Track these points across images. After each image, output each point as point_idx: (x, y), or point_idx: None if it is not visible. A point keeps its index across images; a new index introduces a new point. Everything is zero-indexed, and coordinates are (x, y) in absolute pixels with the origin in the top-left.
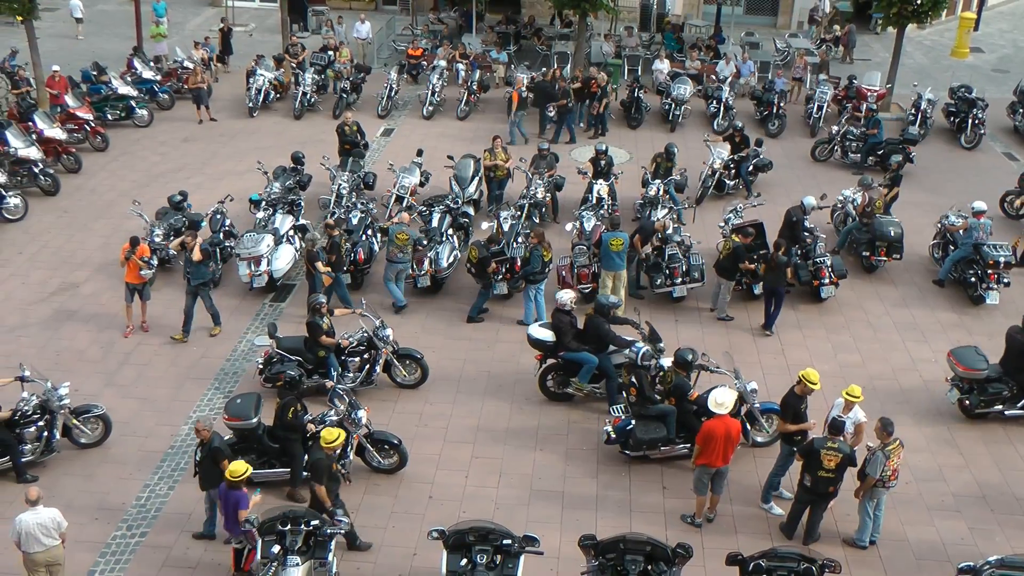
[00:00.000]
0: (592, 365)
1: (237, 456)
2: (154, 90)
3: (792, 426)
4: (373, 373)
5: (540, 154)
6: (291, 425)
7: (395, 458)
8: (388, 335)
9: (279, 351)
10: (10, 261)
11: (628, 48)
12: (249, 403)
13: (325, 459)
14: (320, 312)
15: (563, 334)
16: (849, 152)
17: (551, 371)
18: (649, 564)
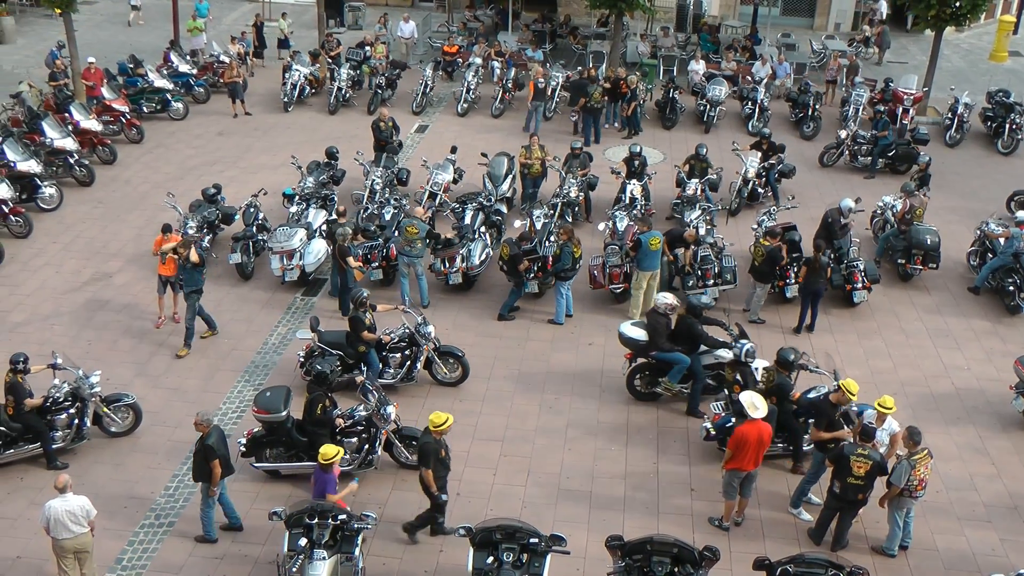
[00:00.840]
0: (684, 365)
1: (266, 448)
2: (190, 84)
3: (826, 434)
4: (414, 370)
5: (573, 153)
6: (319, 420)
7: None
8: (430, 332)
9: (320, 344)
10: (45, 250)
11: (664, 48)
12: (278, 396)
13: (433, 443)
14: (363, 307)
15: (658, 335)
16: (859, 156)
17: (639, 371)
18: (676, 566)
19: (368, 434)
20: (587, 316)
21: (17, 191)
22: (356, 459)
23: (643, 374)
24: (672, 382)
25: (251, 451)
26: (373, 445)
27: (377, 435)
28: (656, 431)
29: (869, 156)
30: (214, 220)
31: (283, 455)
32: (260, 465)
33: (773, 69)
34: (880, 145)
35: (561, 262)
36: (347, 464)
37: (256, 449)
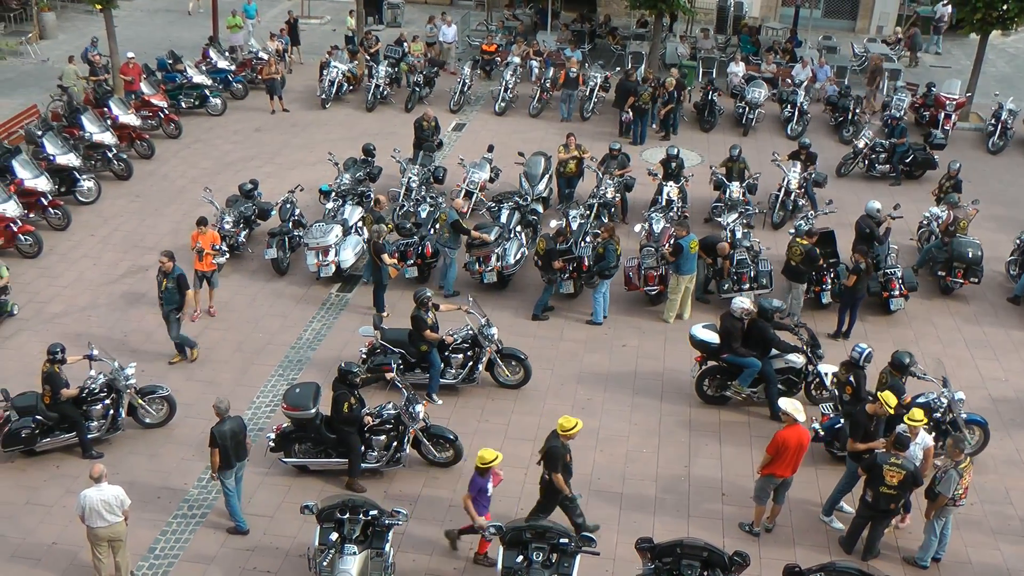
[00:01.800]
0: (755, 369)
1: (295, 444)
2: (228, 80)
3: (861, 444)
4: (476, 371)
5: (611, 154)
6: (347, 419)
7: (450, 453)
8: (493, 334)
9: (383, 342)
10: (82, 243)
11: (703, 50)
12: (308, 393)
13: (560, 447)
14: (426, 306)
15: (732, 338)
16: (876, 164)
17: (709, 374)
18: (705, 570)
19: (396, 432)
20: (621, 318)
21: (56, 184)
22: (384, 456)
23: (712, 377)
24: (742, 386)
25: (280, 446)
26: (401, 443)
27: (405, 433)
28: (688, 434)
29: (887, 164)
30: (250, 215)
31: (312, 451)
32: (289, 460)
33: (814, 72)
34: (898, 152)
35: (605, 260)
36: (375, 461)
37: (285, 444)
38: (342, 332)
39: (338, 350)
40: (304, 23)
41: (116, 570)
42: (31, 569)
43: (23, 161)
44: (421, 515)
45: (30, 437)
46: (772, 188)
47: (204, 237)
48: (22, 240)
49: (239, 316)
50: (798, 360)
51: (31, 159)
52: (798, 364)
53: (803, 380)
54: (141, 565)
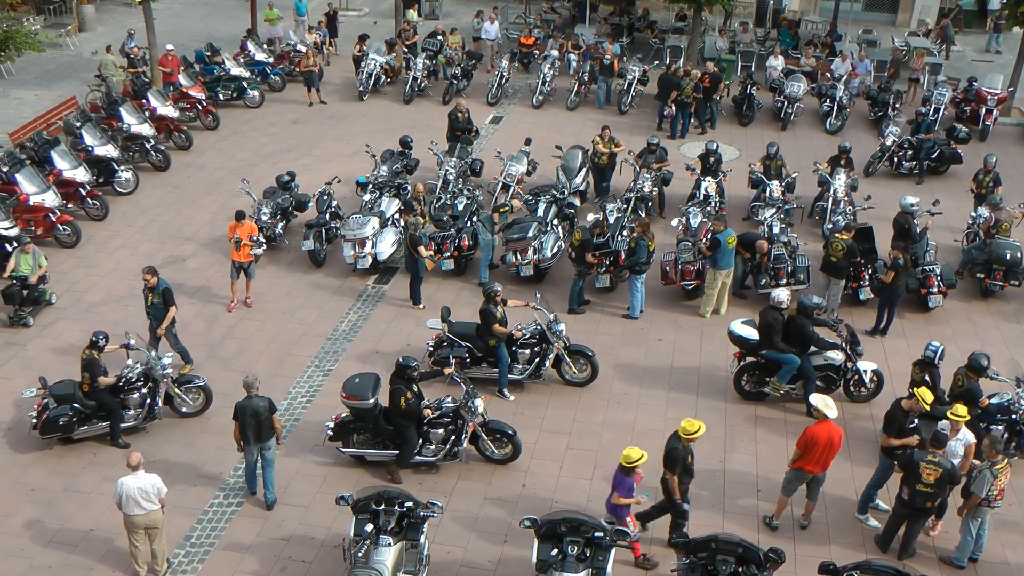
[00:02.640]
0: (794, 366)
1: (353, 434)
2: (266, 72)
3: (895, 440)
4: (542, 367)
5: (649, 148)
6: (403, 413)
7: (508, 448)
8: (561, 330)
9: (450, 335)
10: (120, 233)
11: (742, 44)
12: (367, 383)
13: (681, 450)
14: (494, 300)
15: (773, 332)
16: (903, 162)
17: (747, 370)
18: (740, 567)
19: (455, 426)
20: (658, 312)
21: (95, 175)
22: (442, 450)
23: (751, 373)
24: (781, 382)
25: (338, 436)
26: (459, 438)
27: (464, 428)
28: (724, 429)
29: (913, 161)
30: (288, 207)
31: (369, 442)
32: (347, 450)
33: (853, 66)
34: (923, 149)
35: (636, 256)
36: (431, 455)
37: (343, 434)
38: (378, 324)
39: (374, 342)
40: (343, 15)
41: (152, 557)
42: (68, 555)
43: (62, 152)
44: (456, 508)
45: (67, 425)
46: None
47: (242, 229)
48: (60, 230)
49: (275, 307)
50: (837, 357)
51: (70, 150)
52: (837, 361)
53: (842, 377)
54: (177, 553)
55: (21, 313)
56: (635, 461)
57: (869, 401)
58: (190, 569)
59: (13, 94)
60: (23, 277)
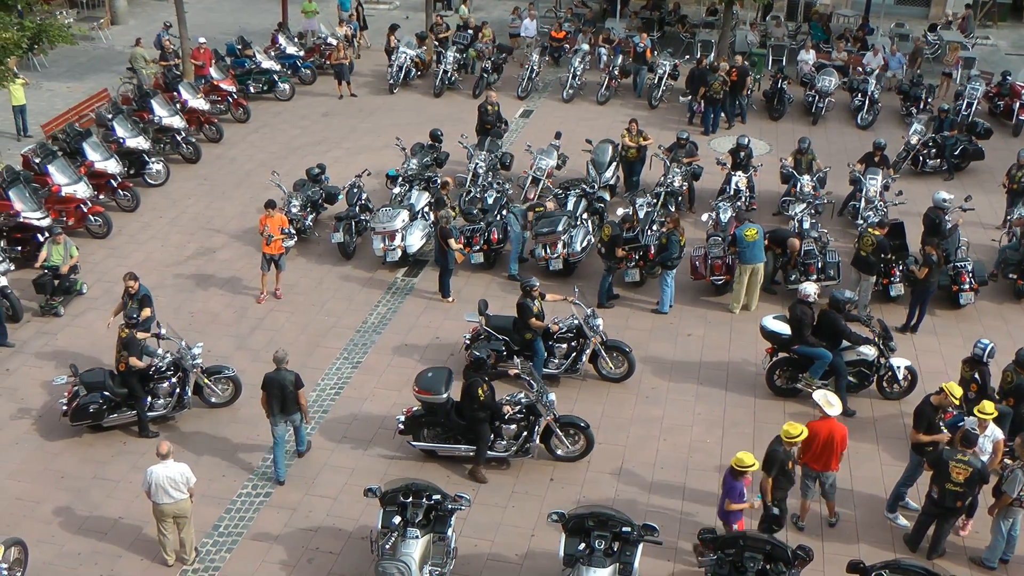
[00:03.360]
0: (826, 361)
1: (424, 428)
2: (297, 65)
3: (924, 437)
4: (579, 362)
5: (679, 143)
6: (483, 405)
7: (581, 443)
8: (598, 325)
9: (487, 328)
10: (151, 224)
11: (774, 38)
12: (440, 377)
13: (782, 453)
14: (531, 294)
15: (803, 327)
16: (928, 160)
17: (780, 366)
18: (768, 564)
19: (528, 422)
20: (687, 307)
21: (126, 166)
22: (513, 446)
23: (783, 369)
24: (813, 378)
25: (409, 429)
26: (532, 433)
27: (537, 423)
28: (752, 425)
29: (938, 159)
30: (318, 199)
31: (440, 436)
32: (417, 444)
33: (885, 60)
34: (947, 145)
35: (668, 251)
36: (503, 451)
37: (414, 428)
38: (407, 317)
39: (403, 334)
40: (373, 9)
41: (181, 546)
42: (97, 543)
43: (93, 144)
44: (484, 501)
45: (98, 412)
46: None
47: (272, 220)
48: (92, 221)
49: (305, 299)
50: (870, 353)
51: (101, 142)
52: (870, 357)
53: (875, 373)
54: (205, 542)
55: (52, 302)
56: (748, 466)
57: (902, 399)
58: (218, 558)
59: (46, 86)
60: (54, 267)
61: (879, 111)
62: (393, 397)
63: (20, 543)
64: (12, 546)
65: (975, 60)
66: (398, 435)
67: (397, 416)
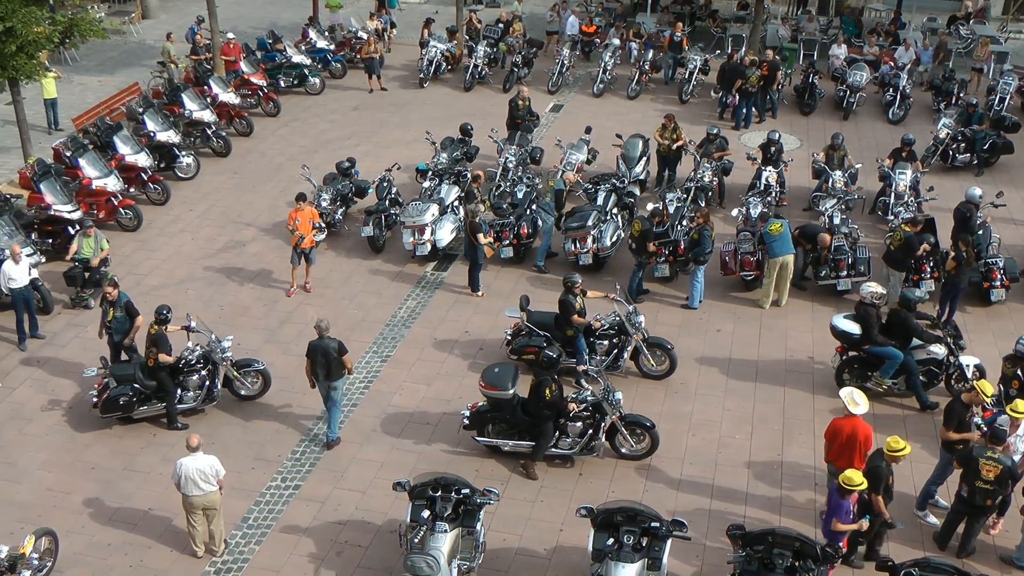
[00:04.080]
0: (897, 360)
1: (489, 424)
2: (327, 59)
3: (955, 434)
4: (620, 359)
5: (709, 138)
6: (549, 404)
7: (646, 442)
8: (640, 321)
9: (528, 324)
10: (181, 217)
11: (805, 32)
12: (507, 374)
13: (884, 467)
14: (574, 291)
15: (871, 327)
16: (957, 155)
17: (849, 365)
18: (797, 561)
19: (593, 420)
20: (717, 303)
21: (156, 160)
22: (577, 444)
23: (852, 368)
24: (884, 377)
25: (474, 424)
26: (597, 431)
27: (602, 422)
28: (782, 422)
29: (967, 153)
30: (347, 193)
31: (505, 432)
32: (482, 440)
33: (917, 55)
34: (977, 140)
35: (700, 246)
36: (567, 448)
37: (479, 424)
38: (437, 311)
39: (433, 328)
40: (404, 2)
41: (210, 538)
42: (127, 534)
43: (124, 137)
44: (512, 495)
45: (128, 404)
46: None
47: (302, 214)
48: (122, 214)
49: (335, 292)
50: (940, 351)
51: (132, 135)
52: (940, 355)
53: (944, 372)
54: (234, 534)
55: (82, 295)
56: (856, 485)
57: None
58: (247, 551)
59: (77, 80)
60: (85, 260)
61: (910, 106)
62: (422, 391)
63: (51, 533)
64: (43, 536)
65: (1008, 54)
66: (462, 430)
67: (462, 411)
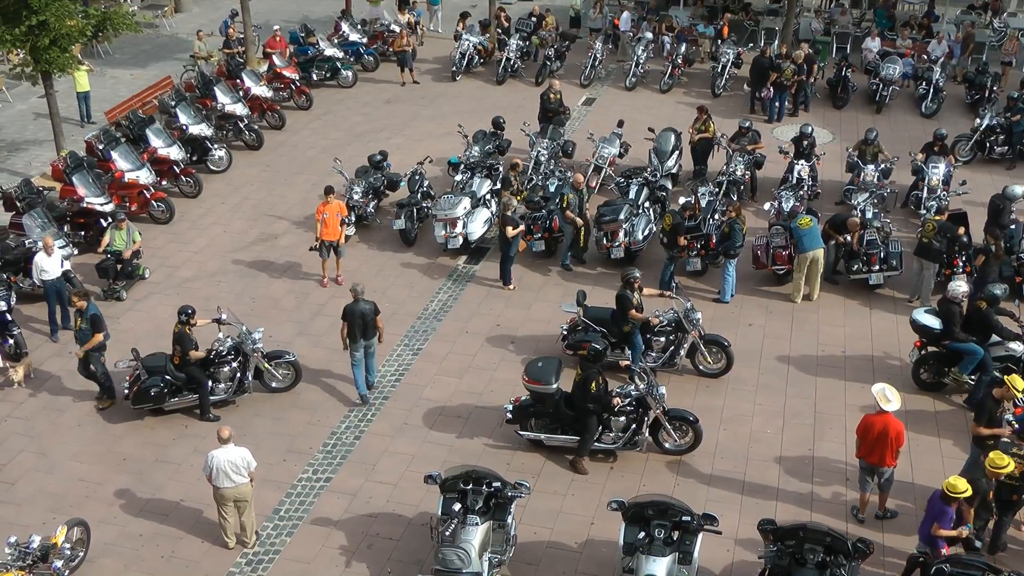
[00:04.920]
0: (978, 357)
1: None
2: (360, 52)
3: (985, 429)
4: (677, 356)
5: (741, 131)
6: (595, 397)
7: (689, 437)
8: (698, 318)
9: (585, 319)
10: (213, 210)
11: (838, 26)
12: (550, 367)
13: (984, 483)
14: (632, 286)
15: (953, 323)
16: (995, 147)
17: (926, 360)
18: (828, 556)
19: (636, 415)
20: (748, 297)
21: (189, 153)
22: (621, 439)
23: (929, 364)
24: (962, 373)
25: (516, 418)
26: (640, 426)
27: (645, 416)
28: (813, 416)
29: (1005, 146)
30: (379, 186)
31: (548, 426)
32: (524, 434)
33: (950, 48)
34: (1015, 132)
35: (731, 240)
36: (611, 443)
37: (522, 417)
38: (468, 304)
39: (464, 321)
40: None
41: (241, 530)
42: (159, 524)
43: (156, 130)
44: (543, 488)
45: (159, 396)
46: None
47: (331, 207)
48: (155, 206)
49: (366, 285)
50: (1018, 348)
51: (165, 129)
52: (1017, 352)
53: (1020, 367)
54: (266, 526)
55: (115, 287)
56: (960, 492)
57: None
58: (278, 542)
59: (109, 73)
60: (117, 252)
61: (943, 99)
62: (453, 384)
63: (83, 523)
64: (75, 526)
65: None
66: (505, 424)
67: (504, 405)
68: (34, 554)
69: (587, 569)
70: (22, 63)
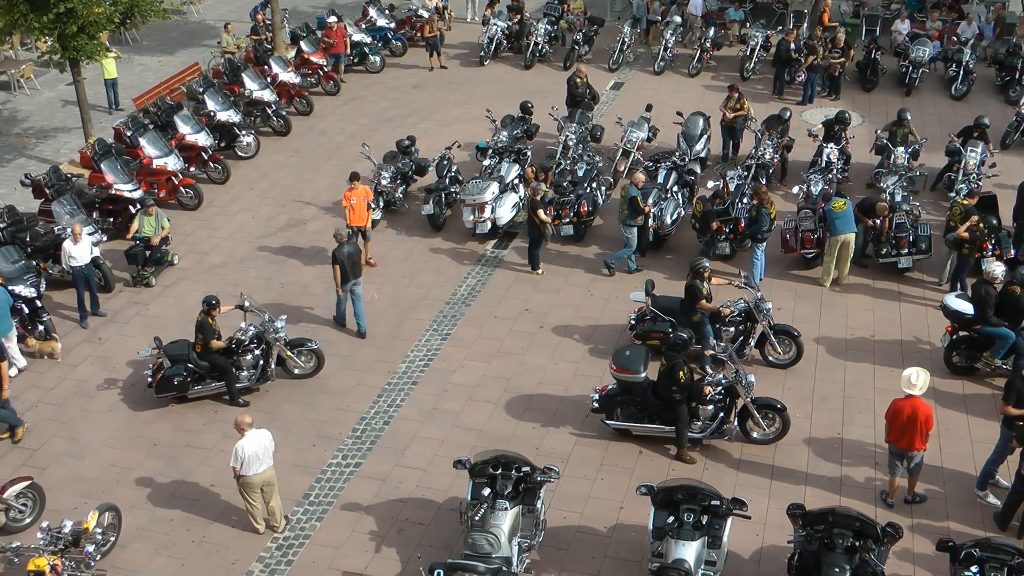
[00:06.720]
0: (1010, 341)
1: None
2: (388, 37)
3: (1014, 409)
4: (746, 346)
5: (779, 117)
6: (684, 386)
7: (777, 425)
8: (768, 308)
9: (653, 309)
10: (241, 196)
11: (867, 8)
12: (638, 357)
13: None
14: (702, 275)
15: (987, 307)
16: None
17: (958, 345)
18: (857, 540)
19: (724, 403)
20: (777, 281)
21: (217, 139)
22: (709, 427)
23: (961, 348)
24: (995, 357)
25: (603, 407)
26: (728, 414)
27: (733, 404)
28: (841, 401)
29: None
30: (408, 171)
31: (636, 415)
32: (612, 423)
33: (981, 29)
34: None
35: (758, 224)
36: (698, 432)
37: (609, 406)
38: (497, 289)
39: (493, 306)
40: None
41: (270, 515)
42: (189, 509)
43: (184, 117)
44: (573, 473)
45: (182, 384)
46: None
47: (357, 192)
48: (183, 193)
49: (395, 271)
50: None
51: (192, 115)
52: None
53: None
54: (296, 511)
55: (144, 273)
56: None
57: None
58: (308, 527)
59: (137, 60)
60: (146, 238)
61: (974, 82)
62: (482, 369)
63: (114, 508)
64: (106, 511)
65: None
66: (591, 413)
67: (591, 394)
68: (66, 539)
69: (616, 553)
70: (50, 50)
